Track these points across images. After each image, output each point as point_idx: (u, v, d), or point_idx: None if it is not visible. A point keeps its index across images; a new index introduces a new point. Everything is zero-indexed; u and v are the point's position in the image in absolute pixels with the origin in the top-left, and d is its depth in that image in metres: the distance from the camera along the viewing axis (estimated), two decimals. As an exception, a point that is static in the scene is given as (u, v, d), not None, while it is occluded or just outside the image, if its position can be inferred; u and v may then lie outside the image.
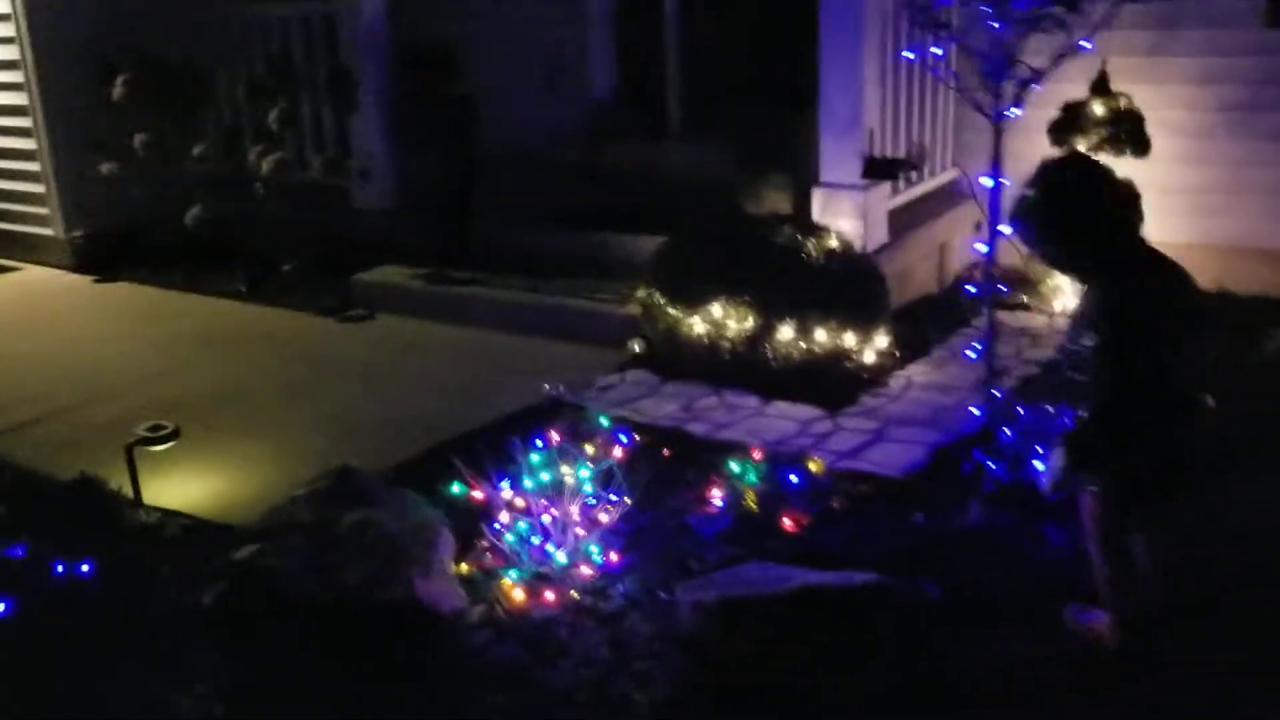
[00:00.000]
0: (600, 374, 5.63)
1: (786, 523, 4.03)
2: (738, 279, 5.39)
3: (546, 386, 5.24)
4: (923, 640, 3.26)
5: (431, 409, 5.33)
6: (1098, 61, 6.04)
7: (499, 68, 7.66)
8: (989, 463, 4.16)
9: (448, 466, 4.00)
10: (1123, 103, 6.17)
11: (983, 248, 4.46)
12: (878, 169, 5.81)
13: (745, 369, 5.36)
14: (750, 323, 5.33)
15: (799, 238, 5.54)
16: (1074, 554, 3.48)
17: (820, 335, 5.30)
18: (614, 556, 3.79)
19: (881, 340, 5.53)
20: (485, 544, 3.85)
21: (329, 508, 3.66)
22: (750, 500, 4.15)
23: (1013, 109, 4.35)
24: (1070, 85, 6.01)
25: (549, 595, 3.61)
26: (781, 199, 6.17)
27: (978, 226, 6.23)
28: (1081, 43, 4.43)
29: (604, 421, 4.54)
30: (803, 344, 5.30)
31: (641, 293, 5.77)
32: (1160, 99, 6.29)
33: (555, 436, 4.19)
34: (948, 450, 4.59)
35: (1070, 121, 6.23)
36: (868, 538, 3.86)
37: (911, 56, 5.85)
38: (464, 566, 3.80)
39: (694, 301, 5.44)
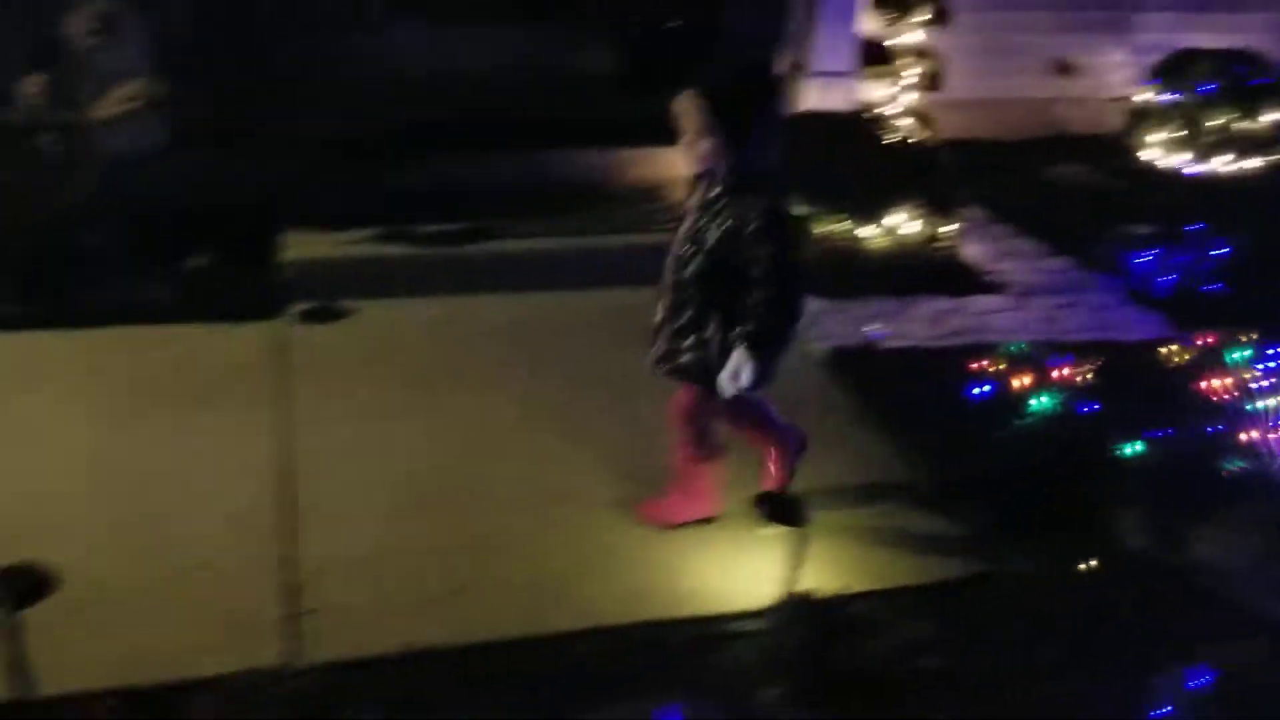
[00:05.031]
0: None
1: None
2: (887, 182, 5.17)
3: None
4: None
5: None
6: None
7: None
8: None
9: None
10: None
11: None
12: (877, 56, 5.84)
13: (914, 273, 5.24)
14: (921, 226, 5.21)
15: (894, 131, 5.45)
16: None
17: (953, 227, 5.40)
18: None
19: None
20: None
21: None
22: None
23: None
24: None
25: None
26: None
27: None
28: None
29: (1015, 350, 4.37)
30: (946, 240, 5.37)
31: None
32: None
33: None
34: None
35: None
36: None
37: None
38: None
39: (864, 212, 5.08)
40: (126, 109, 4.42)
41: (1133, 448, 3.79)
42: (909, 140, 5.44)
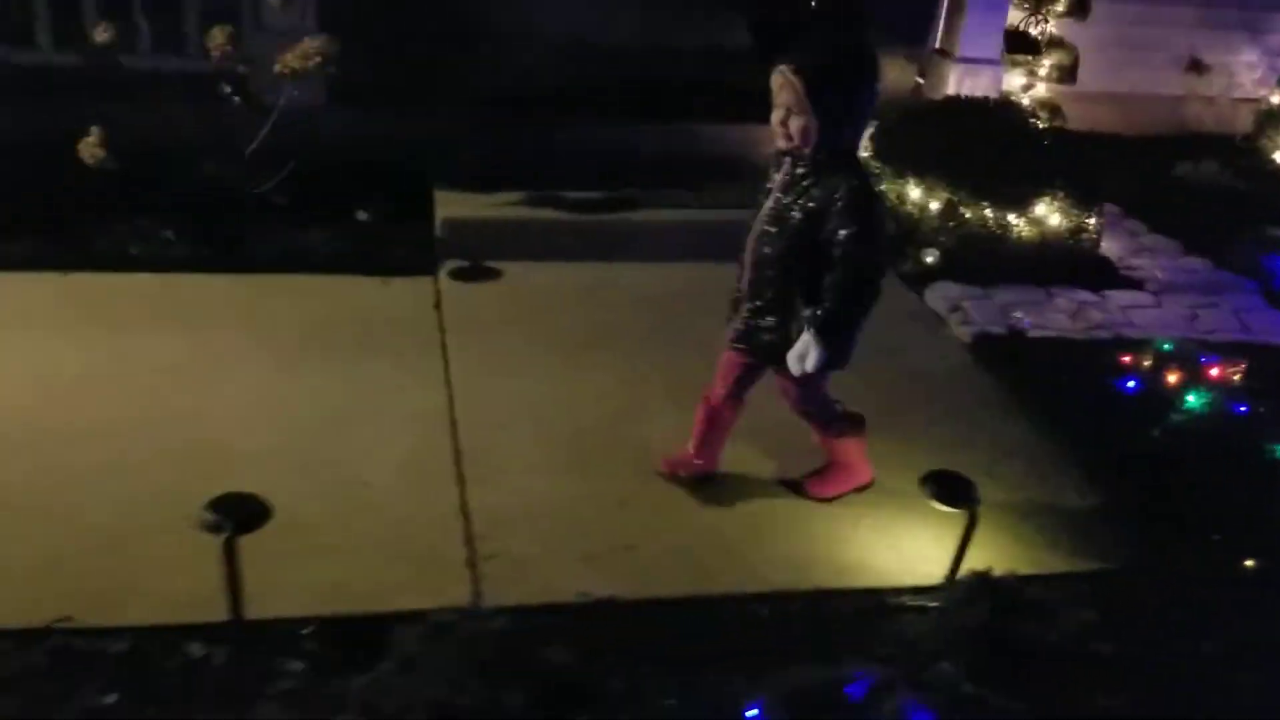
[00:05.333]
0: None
1: None
2: (1028, 172, 5.17)
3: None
4: None
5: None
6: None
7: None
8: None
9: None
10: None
11: None
12: (1021, 45, 5.81)
13: (1053, 264, 5.23)
14: (1060, 217, 5.20)
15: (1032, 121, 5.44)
16: None
17: (1091, 220, 5.38)
18: None
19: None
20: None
21: None
22: None
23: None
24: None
25: None
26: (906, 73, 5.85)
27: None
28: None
29: (1162, 346, 4.38)
30: (1084, 232, 5.35)
31: (915, 192, 5.14)
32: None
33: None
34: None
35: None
36: None
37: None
38: None
39: (1013, 200, 5.09)
40: (304, 64, 4.54)
41: (1287, 449, 3.80)
42: (1048, 130, 5.41)
